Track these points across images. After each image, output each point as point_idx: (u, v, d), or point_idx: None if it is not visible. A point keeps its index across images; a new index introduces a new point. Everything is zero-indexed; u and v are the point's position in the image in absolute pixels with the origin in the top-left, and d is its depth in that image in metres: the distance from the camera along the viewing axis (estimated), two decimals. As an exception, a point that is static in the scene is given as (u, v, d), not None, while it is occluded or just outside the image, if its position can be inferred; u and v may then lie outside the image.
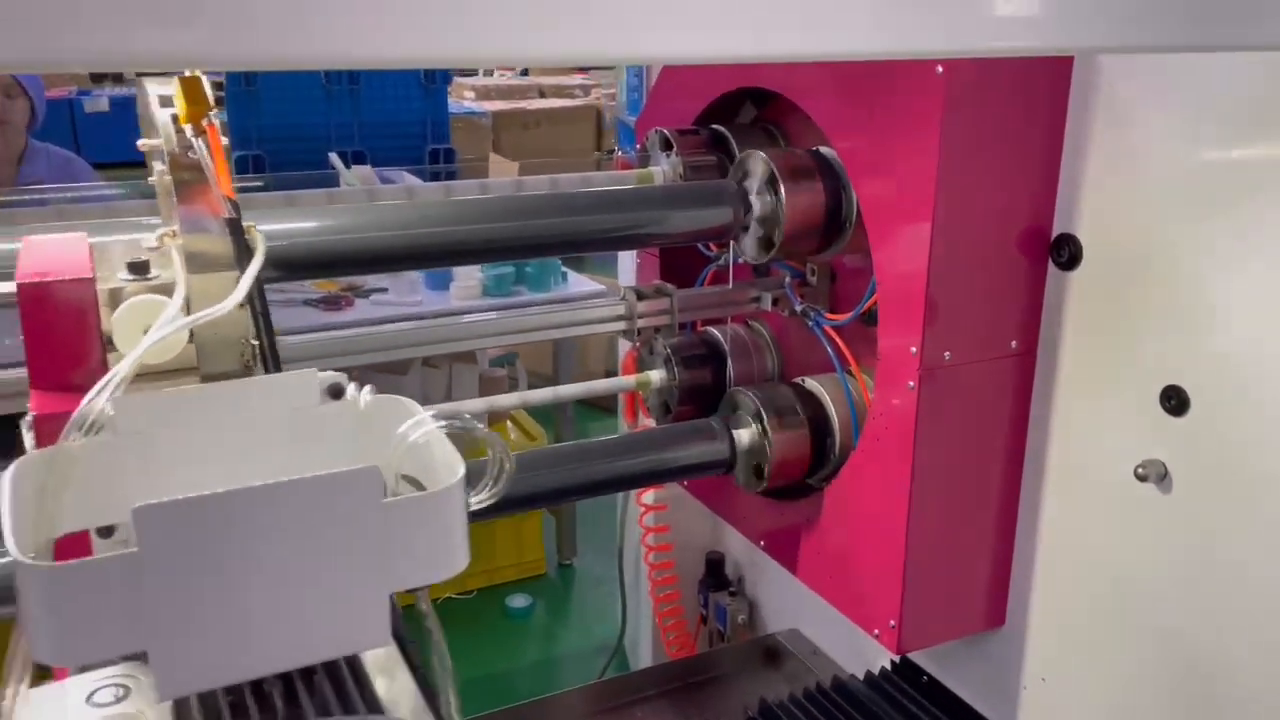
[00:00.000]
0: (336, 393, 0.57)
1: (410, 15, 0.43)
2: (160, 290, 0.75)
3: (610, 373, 2.14)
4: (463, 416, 0.54)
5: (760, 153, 1.20)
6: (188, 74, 0.76)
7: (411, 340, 1.22)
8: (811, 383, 1.30)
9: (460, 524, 0.48)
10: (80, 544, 0.60)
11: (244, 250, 0.73)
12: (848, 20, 0.54)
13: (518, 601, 2.73)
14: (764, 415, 1.26)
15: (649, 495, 1.66)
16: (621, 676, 1.53)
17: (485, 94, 4.80)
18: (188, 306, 0.70)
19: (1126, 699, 1.13)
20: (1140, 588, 1.09)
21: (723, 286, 1.39)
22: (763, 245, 1.21)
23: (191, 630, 0.44)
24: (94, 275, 0.72)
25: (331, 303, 2.12)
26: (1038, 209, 1.12)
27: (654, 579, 1.68)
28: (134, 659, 0.56)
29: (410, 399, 0.56)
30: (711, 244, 1.46)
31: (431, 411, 0.55)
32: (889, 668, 1.41)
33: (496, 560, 2.75)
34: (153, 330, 0.56)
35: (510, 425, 2.81)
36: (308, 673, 0.49)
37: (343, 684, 0.49)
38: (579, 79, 5.36)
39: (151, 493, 0.45)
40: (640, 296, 1.30)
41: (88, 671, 0.54)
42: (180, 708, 0.49)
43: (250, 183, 3.60)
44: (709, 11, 0.51)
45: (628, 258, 1.88)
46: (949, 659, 1.35)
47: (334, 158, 3.07)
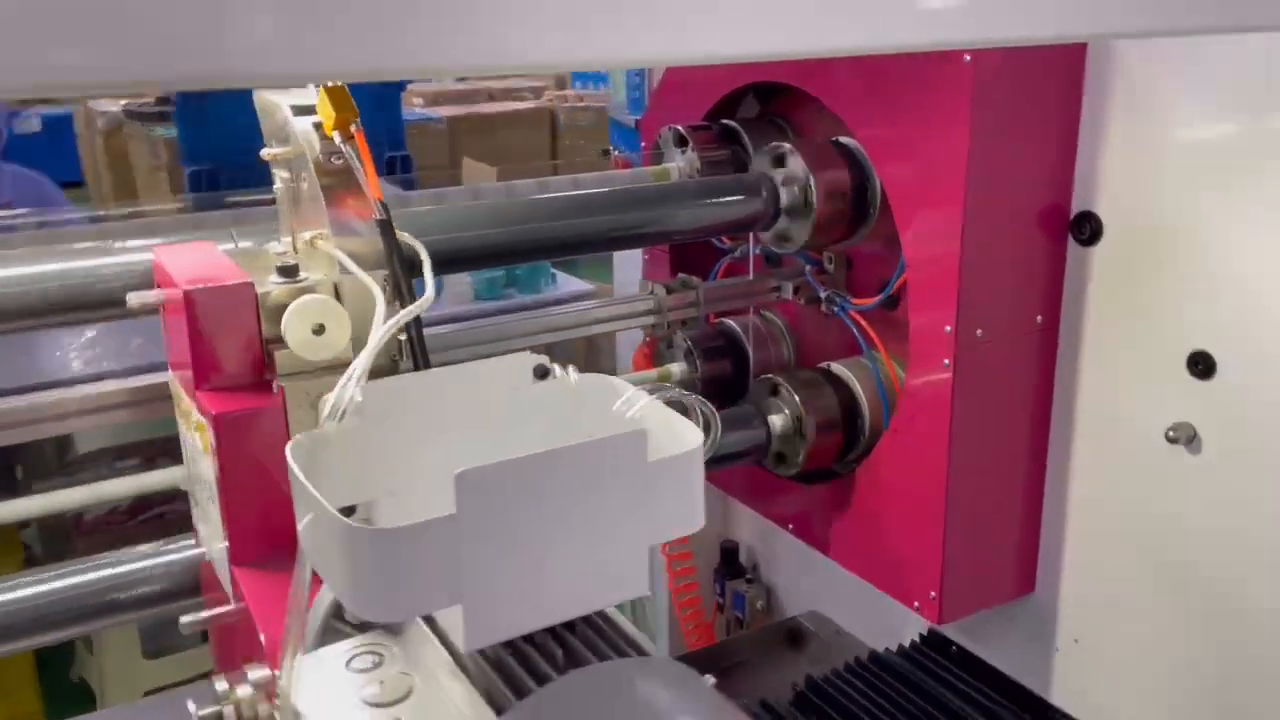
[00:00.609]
0: (543, 374, 0.64)
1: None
2: (309, 291, 0.81)
3: (609, 371, 2.20)
4: (666, 388, 0.61)
5: (786, 144, 1.29)
6: (330, 83, 0.81)
7: (447, 344, 1.28)
8: (838, 367, 1.40)
9: (701, 482, 0.56)
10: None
11: (395, 249, 0.80)
12: (891, 13, 0.63)
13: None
14: (798, 400, 1.35)
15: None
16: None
17: (435, 99, 4.83)
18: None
19: (1160, 654, 1.24)
20: (1171, 545, 1.20)
21: (744, 277, 1.48)
22: (795, 234, 1.30)
23: (497, 584, 0.51)
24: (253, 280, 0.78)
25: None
26: (1058, 188, 1.23)
27: (672, 570, 1.75)
28: (377, 628, 0.62)
29: (610, 377, 0.63)
30: (725, 237, 1.55)
31: (633, 388, 0.62)
32: (918, 641, 1.51)
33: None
34: (385, 326, 0.62)
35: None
36: (569, 622, 0.56)
37: (600, 629, 0.56)
38: (528, 81, 5.40)
39: (401, 471, 0.51)
40: (669, 290, 1.37)
41: (332, 645, 0.60)
42: (464, 661, 0.55)
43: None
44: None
45: (622, 258, 1.95)
46: (976, 629, 1.45)
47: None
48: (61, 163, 5.16)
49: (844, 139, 1.32)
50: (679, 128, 1.47)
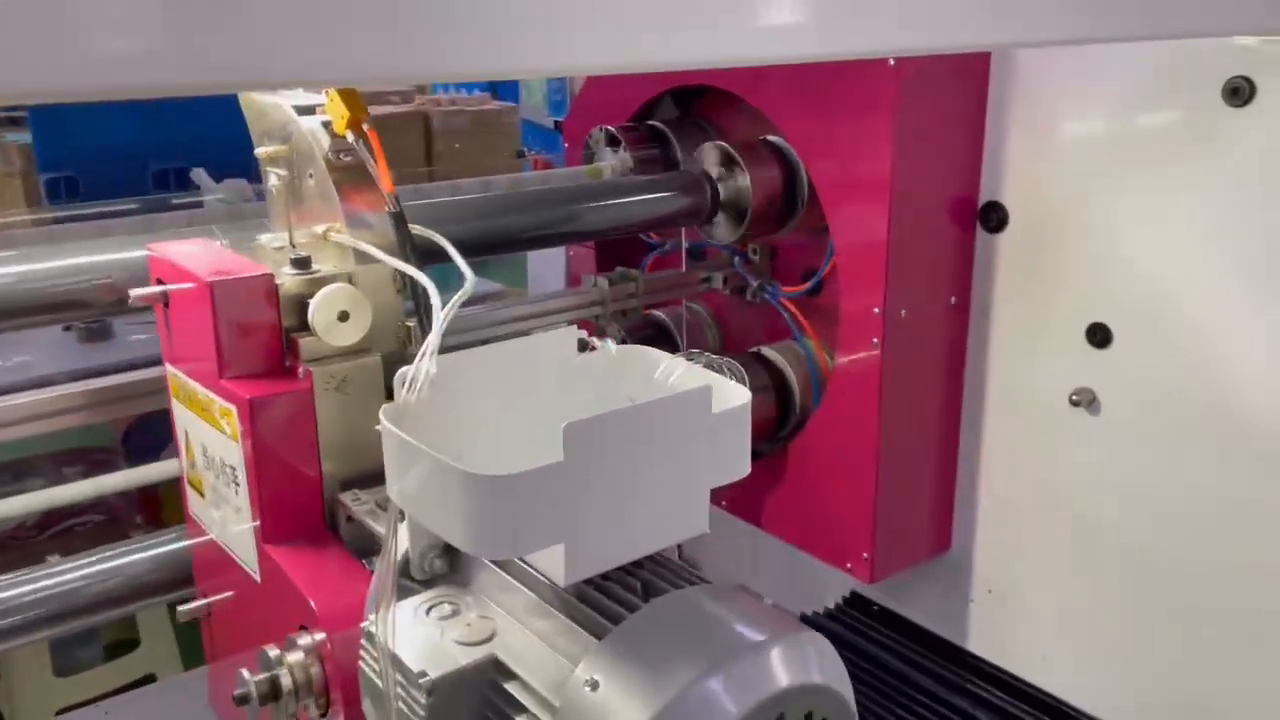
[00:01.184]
0: (583, 346, 0.71)
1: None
2: (323, 281, 0.86)
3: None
4: (697, 354, 0.69)
5: (722, 143, 1.39)
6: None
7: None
8: (768, 350, 1.50)
9: (749, 433, 0.64)
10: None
11: (408, 240, 0.85)
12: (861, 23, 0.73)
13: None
14: (734, 382, 1.44)
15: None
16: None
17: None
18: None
19: (1065, 596, 1.38)
20: (1075, 498, 1.34)
21: (676, 270, 1.57)
22: (732, 226, 1.40)
23: (593, 523, 0.58)
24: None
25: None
26: (967, 181, 1.36)
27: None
28: (445, 583, 0.68)
29: (648, 348, 0.71)
30: (653, 234, 1.64)
31: (670, 357, 0.70)
32: (841, 604, 1.62)
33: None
34: (448, 307, 0.68)
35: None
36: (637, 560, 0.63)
37: (661, 563, 0.63)
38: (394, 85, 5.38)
39: (468, 435, 0.58)
40: (610, 283, 1.45)
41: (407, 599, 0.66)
42: (553, 598, 0.62)
43: (77, 211, 3.47)
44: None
45: (535, 259, 2.01)
46: (894, 589, 1.58)
47: (200, 173, 3.03)
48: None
49: (772, 137, 1.42)
50: (610, 128, 1.55)
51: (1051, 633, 1.40)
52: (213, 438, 0.87)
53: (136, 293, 0.91)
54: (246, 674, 0.77)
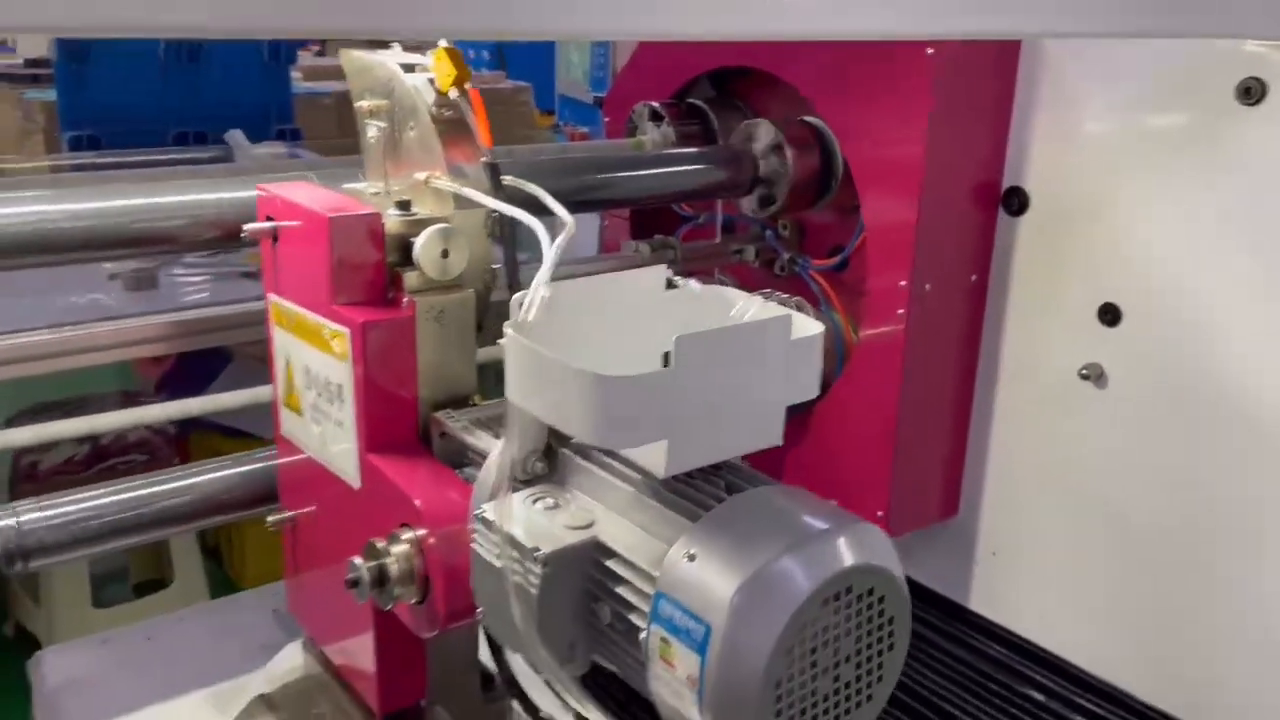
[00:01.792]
0: (670, 284, 0.82)
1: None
2: (424, 222, 0.96)
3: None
4: (770, 293, 0.80)
5: (765, 120, 1.49)
6: (444, 45, 0.96)
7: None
8: (796, 319, 1.60)
9: (820, 361, 0.75)
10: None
11: (499, 189, 0.96)
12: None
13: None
14: (765, 347, 1.55)
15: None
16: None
17: (312, 74, 4.83)
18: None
19: (1067, 559, 1.50)
20: (1081, 467, 1.45)
21: (710, 241, 1.67)
22: (769, 201, 1.50)
23: (691, 425, 0.69)
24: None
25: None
26: (992, 166, 1.47)
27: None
28: (542, 481, 0.78)
29: (727, 287, 0.81)
30: (685, 205, 1.74)
31: (745, 295, 0.80)
32: (853, 563, 1.73)
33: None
34: (556, 244, 0.78)
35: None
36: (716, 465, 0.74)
37: (735, 468, 0.74)
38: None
39: (578, 353, 0.69)
40: (651, 249, 1.55)
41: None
42: (650, 491, 0.72)
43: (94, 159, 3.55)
44: None
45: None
46: (902, 550, 1.68)
47: (236, 134, 3.13)
48: None
49: (809, 118, 1.53)
50: (653, 104, 1.65)
51: (1050, 592, 1.52)
52: (318, 359, 0.97)
53: (250, 227, 1.01)
54: (359, 561, 0.87)
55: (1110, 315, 1.39)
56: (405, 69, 1.01)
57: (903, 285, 1.43)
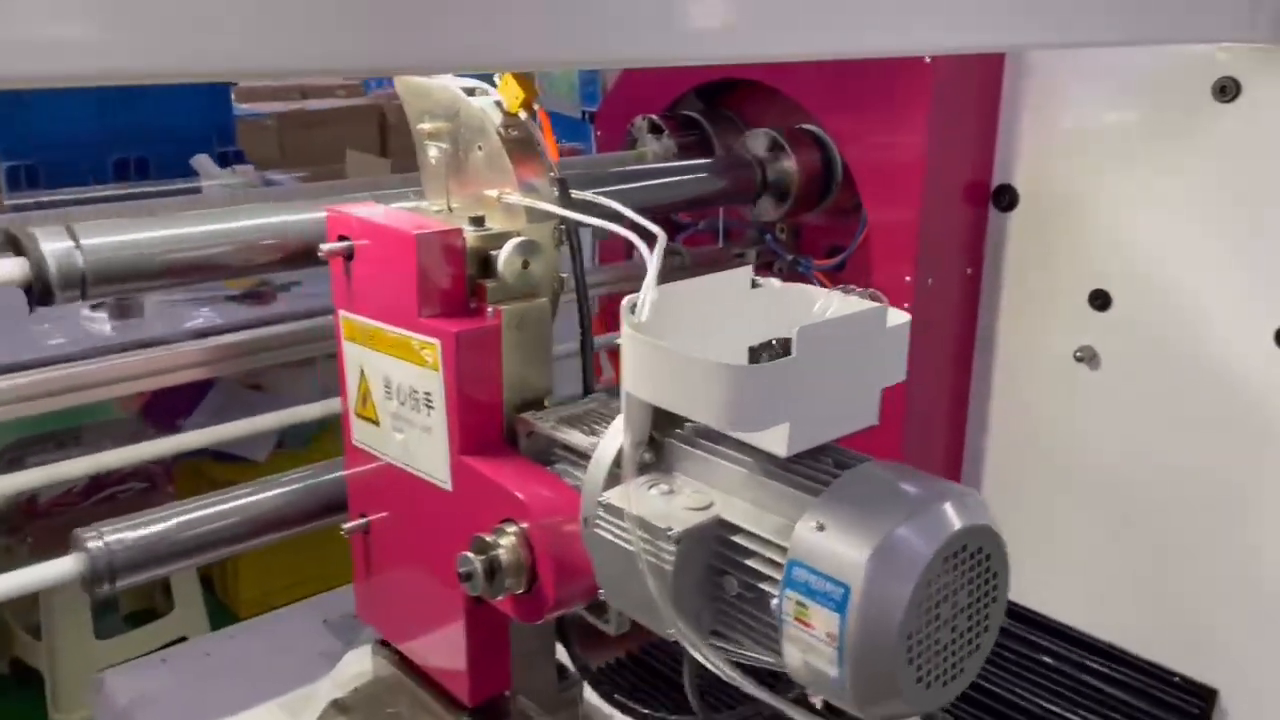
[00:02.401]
0: (754, 284, 0.89)
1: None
2: (498, 236, 1.02)
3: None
4: (849, 288, 0.88)
5: (769, 130, 1.58)
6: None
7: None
8: (800, 317, 1.69)
9: (907, 347, 0.83)
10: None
11: (570, 204, 1.02)
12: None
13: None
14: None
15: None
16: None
17: (248, 96, 4.82)
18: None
19: (1062, 531, 1.60)
20: (1078, 443, 1.56)
21: (713, 246, 1.75)
22: (777, 205, 1.59)
23: (810, 407, 0.76)
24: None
25: (255, 297, 2.26)
26: (983, 165, 1.57)
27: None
28: (650, 470, 0.85)
29: (806, 285, 0.89)
30: (682, 214, 1.82)
31: (825, 292, 0.88)
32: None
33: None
34: (656, 252, 0.85)
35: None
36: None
37: (837, 450, 0.82)
38: (340, 79, 5.46)
39: (690, 348, 0.76)
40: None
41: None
42: (768, 471, 0.79)
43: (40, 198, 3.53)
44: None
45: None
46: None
47: (203, 160, 3.12)
48: None
49: (808, 126, 1.61)
50: (652, 117, 1.73)
51: (1047, 562, 1.62)
52: (403, 370, 1.03)
53: (326, 248, 1.06)
54: (471, 555, 0.93)
55: (1100, 300, 1.50)
56: (469, 92, 1.07)
57: (908, 280, 1.52)
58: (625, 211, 0.97)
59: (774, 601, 0.76)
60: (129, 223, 1.06)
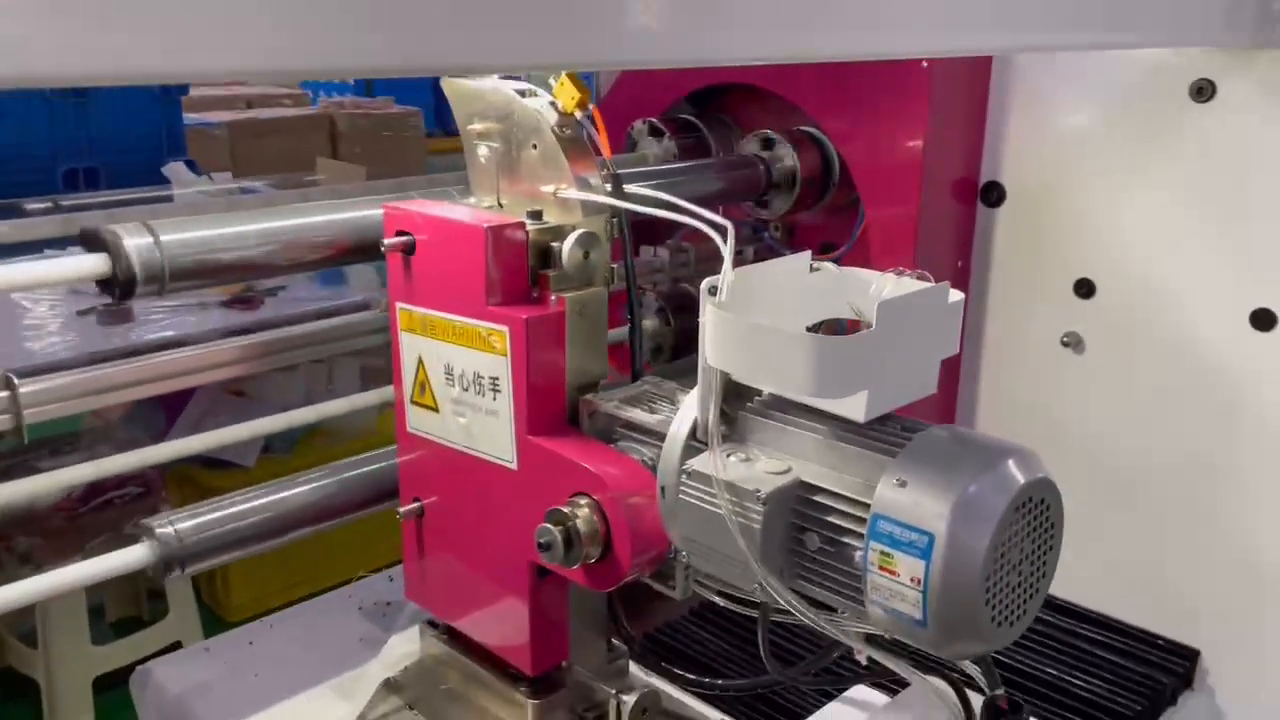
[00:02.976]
0: (813, 269, 0.97)
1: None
2: (557, 229, 1.08)
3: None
4: (901, 271, 0.96)
5: (769, 131, 1.66)
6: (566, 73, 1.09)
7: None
8: (798, 311, 1.77)
9: (960, 322, 0.91)
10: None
11: (623, 197, 1.09)
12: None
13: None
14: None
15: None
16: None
17: (195, 106, 4.81)
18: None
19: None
20: (1065, 423, 1.66)
21: (713, 244, 1.82)
22: (782, 203, 1.67)
23: (885, 375, 0.84)
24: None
25: (244, 302, 2.29)
26: (972, 163, 1.66)
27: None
28: (726, 440, 0.92)
29: (860, 269, 0.97)
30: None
31: (879, 275, 0.96)
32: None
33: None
34: (730, 244, 0.92)
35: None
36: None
37: (901, 417, 0.89)
38: (285, 89, 5.46)
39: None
40: (670, 254, 1.70)
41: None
42: (844, 436, 0.87)
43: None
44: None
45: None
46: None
47: (178, 167, 3.12)
48: None
49: (806, 127, 1.70)
50: (653, 120, 1.80)
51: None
52: (466, 357, 1.09)
53: (389, 241, 1.12)
54: (550, 526, 0.99)
55: (1085, 289, 1.60)
56: (522, 94, 1.14)
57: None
58: (689, 206, 1.04)
59: (857, 554, 0.83)
60: (200, 220, 1.10)
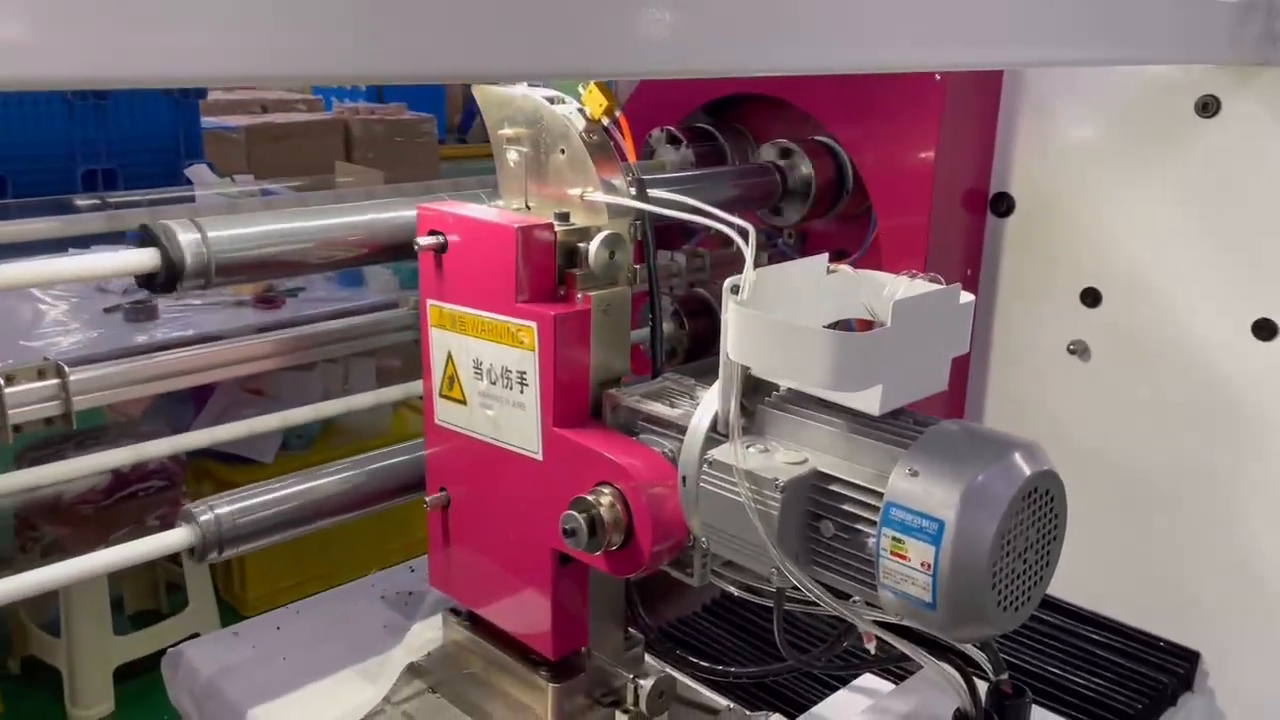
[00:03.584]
0: (829, 270, 1.01)
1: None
2: (583, 231, 1.13)
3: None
4: (914, 273, 1.00)
5: (785, 140, 1.71)
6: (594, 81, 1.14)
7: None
8: (811, 316, 1.82)
9: (971, 323, 0.96)
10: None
11: (647, 200, 1.14)
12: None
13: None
14: (790, 340, 1.76)
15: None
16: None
17: (211, 110, 4.87)
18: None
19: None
20: (1070, 423, 1.71)
21: (728, 249, 1.87)
22: (797, 210, 1.72)
23: (897, 371, 0.88)
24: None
25: (267, 301, 2.34)
26: (982, 175, 1.71)
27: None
28: (745, 433, 0.97)
29: (876, 271, 1.02)
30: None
31: (893, 277, 1.01)
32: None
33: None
34: (751, 246, 0.97)
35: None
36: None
37: (911, 412, 0.94)
38: (299, 95, 5.53)
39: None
40: (687, 259, 1.75)
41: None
42: (858, 429, 0.92)
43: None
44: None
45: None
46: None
47: (201, 169, 3.18)
48: None
49: (820, 137, 1.75)
50: (670, 129, 1.85)
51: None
52: (496, 352, 1.14)
53: (423, 240, 1.17)
54: (575, 513, 1.04)
55: (1091, 298, 1.65)
56: (551, 100, 1.19)
57: (915, 280, 1.66)
58: (711, 209, 1.08)
59: (870, 540, 0.88)
60: (242, 219, 1.15)
